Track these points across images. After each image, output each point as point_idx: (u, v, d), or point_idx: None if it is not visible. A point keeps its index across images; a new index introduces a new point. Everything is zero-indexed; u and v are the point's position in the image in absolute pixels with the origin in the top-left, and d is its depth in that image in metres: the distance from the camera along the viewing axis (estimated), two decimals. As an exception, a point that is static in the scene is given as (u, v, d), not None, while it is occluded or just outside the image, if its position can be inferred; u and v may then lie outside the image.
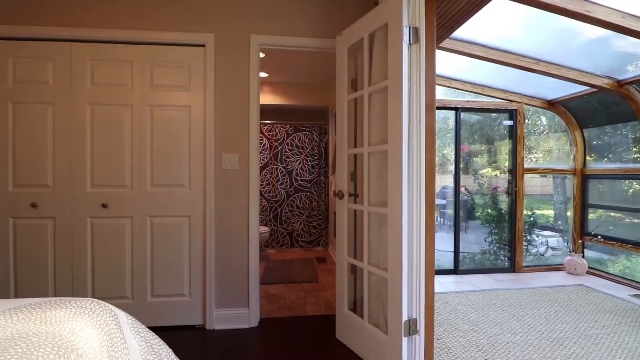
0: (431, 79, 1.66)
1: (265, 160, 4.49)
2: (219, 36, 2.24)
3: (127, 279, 2.17)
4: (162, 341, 1.18)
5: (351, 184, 2.10)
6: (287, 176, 4.56)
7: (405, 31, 1.58)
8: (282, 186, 4.54)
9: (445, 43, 2.48)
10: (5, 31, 2.08)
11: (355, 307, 2.09)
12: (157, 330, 1.38)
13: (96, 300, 1.04)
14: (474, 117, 3.79)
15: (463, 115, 3.56)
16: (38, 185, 2.10)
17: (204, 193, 2.22)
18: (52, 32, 2.12)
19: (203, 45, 2.23)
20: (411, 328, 1.60)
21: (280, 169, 4.54)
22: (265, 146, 4.49)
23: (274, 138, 4.55)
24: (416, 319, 1.61)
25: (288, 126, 4.58)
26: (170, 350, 1.19)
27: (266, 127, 4.52)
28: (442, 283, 3.21)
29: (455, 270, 3.49)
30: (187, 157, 2.22)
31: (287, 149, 4.57)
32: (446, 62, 2.96)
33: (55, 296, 2.13)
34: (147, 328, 1.14)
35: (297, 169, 4.57)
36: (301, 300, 2.75)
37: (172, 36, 2.20)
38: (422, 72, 1.62)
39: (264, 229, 4.03)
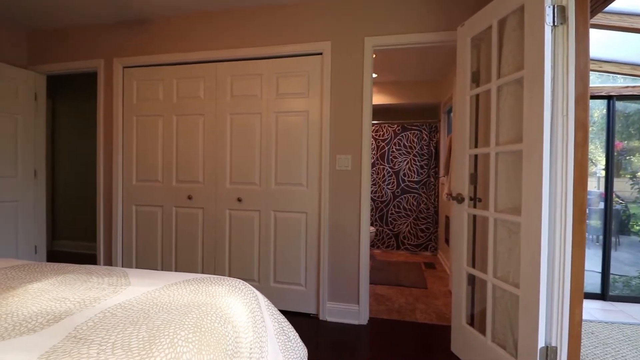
0: (583, 65, 1.38)
1: (372, 160, 4.51)
2: (335, 43, 2.35)
3: (255, 264, 2.48)
4: (290, 324, 1.31)
5: (471, 187, 1.93)
6: (393, 176, 4.48)
7: (549, 12, 1.36)
8: (389, 186, 4.48)
9: (597, 19, 2.03)
10: (172, 58, 2.63)
11: (473, 320, 1.91)
12: (283, 314, 1.52)
13: (242, 281, 1.23)
14: (631, 107, 3.00)
15: (618, 104, 2.86)
16: (192, 182, 2.60)
17: (319, 192, 2.37)
18: (202, 56, 2.58)
19: (320, 53, 2.38)
20: (549, 357, 1.37)
21: (386, 169, 4.49)
22: (372, 146, 4.51)
23: (380, 138, 4.53)
24: (556, 348, 1.38)
25: (396, 125, 4.49)
26: (297, 334, 1.31)
27: (373, 127, 4.53)
28: (585, 309, 2.65)
29: (602, 296, 2.84)
30: (305, 158, 2.40)
31: (394, 149, 4.48)
32: (595, 42, 2.42)
33: (202, 271, 2.60)
34: (278, 311, 1.29)
35: (404, 170, 4.44)
36: (410, 306, 2.67)
37: (294, 48, 2.41)
38: (570, 57, 1.36)
39: (371, 228, 4.04)
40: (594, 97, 2.88)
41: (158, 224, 2.67)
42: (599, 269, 2.87)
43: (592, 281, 2.89)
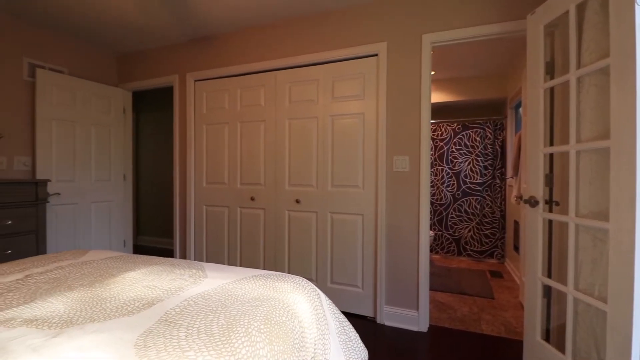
0: (691, 46, 1.19)
1: (430, 161, 4.33)
2: (391, 43, 2.33)
3: (313, 264, 2.55)
4: (350, 325, 1.32)
5: (546, 189, 1.76)
6: (453, 178, 4.25)
7: (643, -11, 1.20)
8: (448, 189, 4.27)
9: None
10: (235, 70, 2.83)
11: (549, 336, 1.74)
12: (343, 314, 1.55)
13: (305, 279, 1.28)
14: None
15: None
16: (255, 184, 2.77)
17: (375, 194, 2.36)
18: (262, 66, 2.73)
19: (376, 55, 2.37)
20: (648, 384, 1.20)
21: (446, 170, 4.28)
22: (430, 147, 4.33)
23: (439, 138, 4.34)
24: (657, 374, 1.19)
25: (455, 124, 4.27)
26: (357, 335, 1.33)
27: (431, 127, 4.35)
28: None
29: None
30: (361, 160, 2.41)
31: (454, 149, 4.26)
32: None
33: (264, 268, 2.74)
34: (339, 310, 1.31)
35: (465, 171, 4.20)
36: (475, 316, 2.51)
37: (349, 52, 2.44)
38: (672, 39, 1.18)
39: (429, 232, 3.90)
40: None
41: (225, 223, 2.89)
42: None
43: None
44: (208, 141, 2.97)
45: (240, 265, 2.82)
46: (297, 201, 2.59)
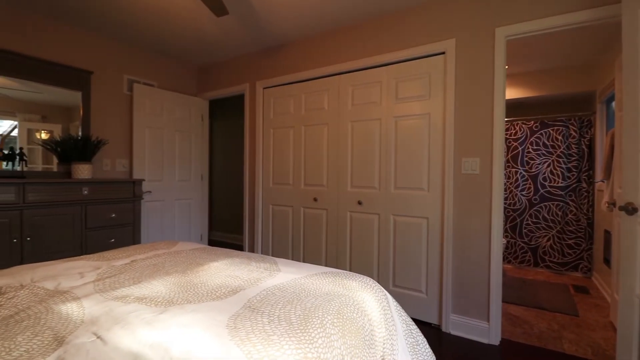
0: None
1: (504, 163, 4.02)
2: (460, 39, 2.23)
3: (374, 266, 2.55)
4: (418, 328, 1.31)
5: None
6: (529, 181, 3.89)
7: None
8: (523, 193, 3.91)
9: None
10: (300, 76, 2.96)
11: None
12: (408, 317, 1.53)
13: (372, 279, 1.31)
14: None
15: None
16: (318, 185, 2.86)
17: (442, 197, 2.28)
18: (326, 71, 2.82)
19: (443, 53, 2.30)
20: None
21: (520, 172, 3.93)
22: (503, 147, 4.02)
23: (512, 137, 4.00)
24: None
25: (532, 122, 3.90)
26: (425, 339, 1.31)
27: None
28: None
29: None
30: (426, 162, 2.35)
31: (530, 149, 3.90)
32: None
33: (326, 266, 2.82)
34: (406, 313, 1.31)
35: (544, 173, 3.81)
36: (555, 333, 2.28)
37: (413, 52, 2.40)
38: None
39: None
40: None
41: (289, 222, 3.04)
42: None
43: None
44: (274, 144, 3.15)
45: (304, 259, 2.94)
46: (359, 202, 2.61)
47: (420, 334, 1.30)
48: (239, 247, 4.09)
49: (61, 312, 0.98)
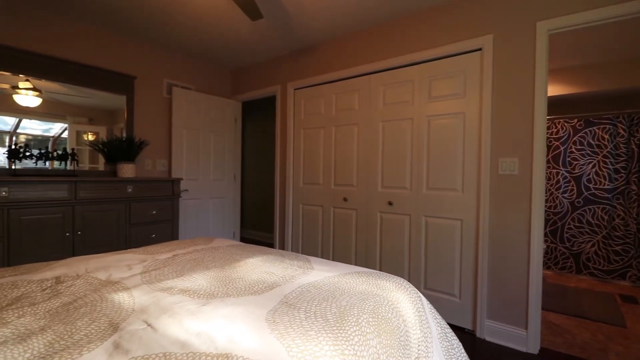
0: None
1: (545, 164, 3.82)
2: (498, 35, 2.15)
3: (405, 267, 2.52)
4: (453, 332, 1.29)
5: None
6: (572, 183, 3.67)
7: None
8: (565, 195, 3.69)
9: None
10: (331, 77, 2.98)
11: None
12: (442, 320, 1.50)
13: (406, 280, 1.30)
14: None
15: None
16: (348, 185, 2.87)
17: (477, 198, 2.21)
18: (356, 71, 2.81)
19: (479, 49, 2.23)
20: None
21: (562, 173, 3.72)
22: (545, 147, 3.82)
23: (553, 137, 3.79)
24: None
25: (575, 120, 3.67)
26: (461, 344, 1.28)
27: (542, 125, 3.84)
28: None
29: None
30: (461, 162, 2.28)
31: (573, 149, 3.67)
32: None
33: (355, 264, 2.82)
34: (441, 316, 1.29)
35: (588, 174, 3.58)
36: (599, 344, 2.14)
37: (447, 49, 2.34)
38: None
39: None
40: None
41: (319, 221, 3.07)
42: None
43: None
44: (305, 144, 3.20)
45: (333, 258, 2.95)
46: (390, 203, 2.59)
47: (455, 337, 1.27)
48: (269, 245, 4.18)
49: (114, 301, 1.06)
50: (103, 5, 2.48)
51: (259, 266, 1.40)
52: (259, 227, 5.15)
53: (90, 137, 2.88)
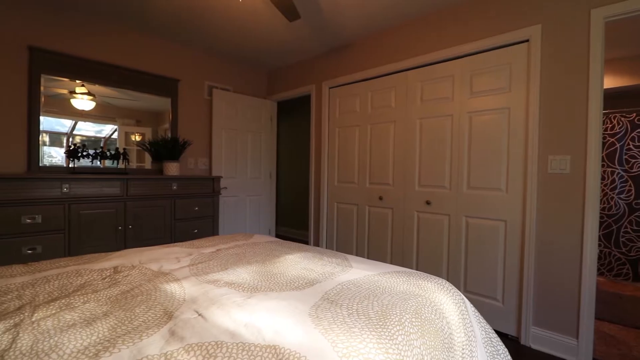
0: None
1: (600, 162, 3.53)
2: (547, 25, 2.02)
3: (444, 268, 2.45)
4: (498, 337, 1.24)
5: None
6: (629, 183, 3.36)
7: None
8: (622, 196, 3.40)
9: None
10: (366, 74, 2.95)
11: None
12: (486, 324, 1.45)
13: (448, 282, 1.26)
14: None
15: None
16: (383, 184, 2.83)
17: (523, 198, 2.10)
18: (392, 67, 2.77)
19: (527, 41, 2.10)
20: None
21: (618, 172, 3.42)
22: (600, 143, 3.53)
23: (608, 133, 3.49)
24: None
25: (634, 115, 3.36)
26: (507, 349, 1.23)
27: (596, 120, 3.55)
28: None
29: None
30: (505, 160, 2.18)
31: (631, 146, 3.36)
32: None
33: (391, 264, 2.78)
34: (485, 321, 1.24)
35: (650, 173, 3.26)
36: (665, 359, 1.95)
37: (491, 42, 2.23)
38: None
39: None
40: None
41: (354, 220, 3.06)
42: None
43: None
44: (340, 143, 3.20)
45: (368, 257, 2.94)
46: (428, 202, 2.52)
47: (501, 343, 1.22)
48: (304, 242, 4.24)
49: (167, 291, 1.13)
50: (151, 14, 2.64)
51: (298, 262, 1.43)
52: (292, 225, 5.24)
53: (138, 138, 3.08)
